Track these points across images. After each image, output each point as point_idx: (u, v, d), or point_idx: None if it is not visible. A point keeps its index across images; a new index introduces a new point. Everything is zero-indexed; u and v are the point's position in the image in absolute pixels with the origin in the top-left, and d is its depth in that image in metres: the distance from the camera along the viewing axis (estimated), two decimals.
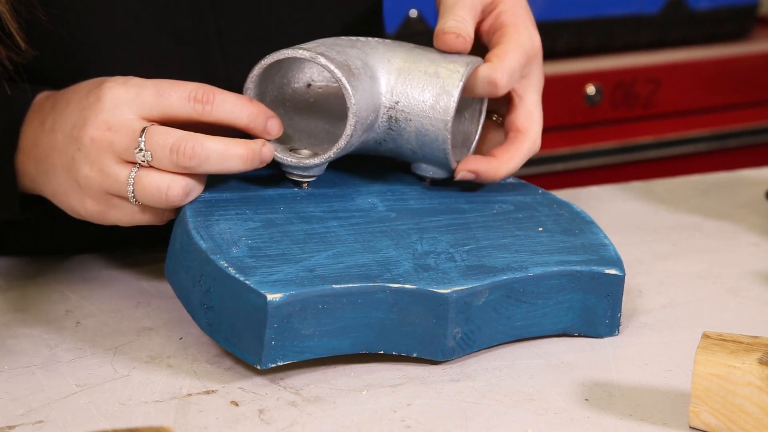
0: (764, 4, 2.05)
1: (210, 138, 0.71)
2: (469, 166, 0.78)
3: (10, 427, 0.65)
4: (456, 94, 0.76)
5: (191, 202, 0.73)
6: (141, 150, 0.71)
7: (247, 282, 0.67)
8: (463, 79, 0.76)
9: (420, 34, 1.76)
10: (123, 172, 0.72)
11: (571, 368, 0.72)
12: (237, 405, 0.67)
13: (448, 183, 0.80)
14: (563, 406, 0.68)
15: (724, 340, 0.65)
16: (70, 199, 0.75)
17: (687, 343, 0.75)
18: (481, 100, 0.81)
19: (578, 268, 0.73)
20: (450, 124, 0.76)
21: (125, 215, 0.74)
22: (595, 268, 0.74)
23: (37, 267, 0.84)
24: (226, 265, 0.68)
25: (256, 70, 0.74)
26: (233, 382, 0.69)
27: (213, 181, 0.75)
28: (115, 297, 0.80)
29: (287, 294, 0.67)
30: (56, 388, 0.69)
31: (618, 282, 0.74)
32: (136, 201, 0.73)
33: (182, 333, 0.75)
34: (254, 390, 0.69)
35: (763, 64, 1.86)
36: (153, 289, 0.81)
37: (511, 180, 0.83)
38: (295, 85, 0.79)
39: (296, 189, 0.76)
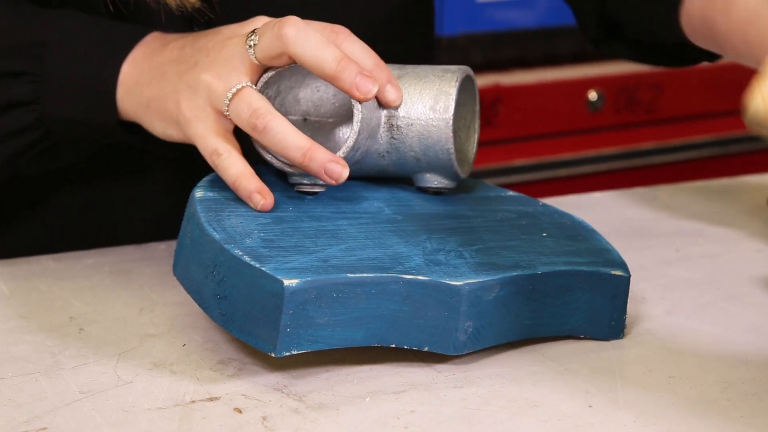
0: None
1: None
2: None
3: None
4: (454, 92, 0.77)
5: (202, 200, 0.73)
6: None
7: (263, 269, 0.68)
8: (458, 81, 0.77)
9: None
10: (235, 79, 0.73)
11: (574, 374, 0.72)
12: (240, 412, 0.67)
13: (452, 194, 0.81)
14: (567, 412, 0.68)
15: None
16: (168, 102, 0.76)
17: (691, 350, 0.75)
18: (474, 117, 0.82)
19: (585, 268, 0.74)
20: (451, 123, 0.77)
21: (203, 131, 0.75)
22: (601, 269, 0.74)
23: (41, 274, 0.84)
24: (241, 253, 0.69)
25: (258, 85, 0.75)
26: (237, 389, 0.69)
27: (223, 183, 0.76)
28: (119, 304, 0.80)
29: (303, 280, 0.67)
30: (60, 395, 0.69)
31: (623, 283, 0.75)
32: (227, 108, 0.73)
33: (185, 340, 0.75)
34: (258, 397, 0.69)
35: None
36: (156, 295, 0.81)
37: (511, 193, 0.83)
38: (295, 100, 0.79)
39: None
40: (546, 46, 1.76)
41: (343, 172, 0.73)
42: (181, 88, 0.76)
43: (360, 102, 0.73)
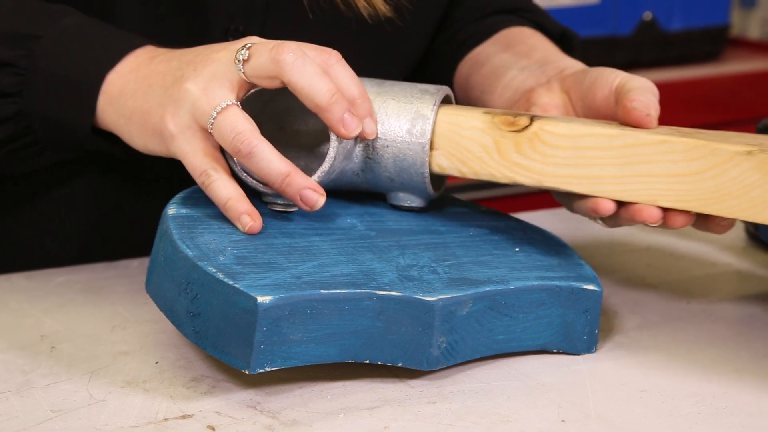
0: (735, 25, 2.07)
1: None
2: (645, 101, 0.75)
3: None
4: (431, 116, 0.77)
5: (174, 217, 0.73)
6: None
7: (236, 285, 0.67)
8: (436, 104, 0.77)
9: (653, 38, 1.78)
10: (220, 97, 0.73)
11: (547, 389, 0.72)
12: (213, 429, 0.67)
13: (424, 210, 0.81)
14: (540, 427, 0.68)
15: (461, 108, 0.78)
16: (152, 115, 0.76)
17: (662, 363, 0.75)
18: None
19: (557, 283, 0.74)
20: (428, 147, 0.77)
21: (190, 149, 0.74)
22: (573, 283, 0.75)
23: (11, 291, 0.84)
24: (214, 270, 0.69)
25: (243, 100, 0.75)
26: (210, 406, 0.69)
27: (196, 200, 0.76)
28: (91, 321, 0.79)
29: (277, 297, 0.67)
30: (31, 414, 0.68)
31: (596, 298, 0.75)
32: (211, 127, 0.73)
33: (158, 357, 0.75)
34: (231, 414, 0.68)
35: (734, 84, 1.88)
36: (128, 313, 0.81)
37: (483, 209, 0.83)
38: (271, 121, 0.79)
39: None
40: None
41: (319, 200, 0.73)
42: (166, 102, 0.75)
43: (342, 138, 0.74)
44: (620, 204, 0.74)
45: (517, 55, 0.90)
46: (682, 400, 0.71)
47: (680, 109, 1.83)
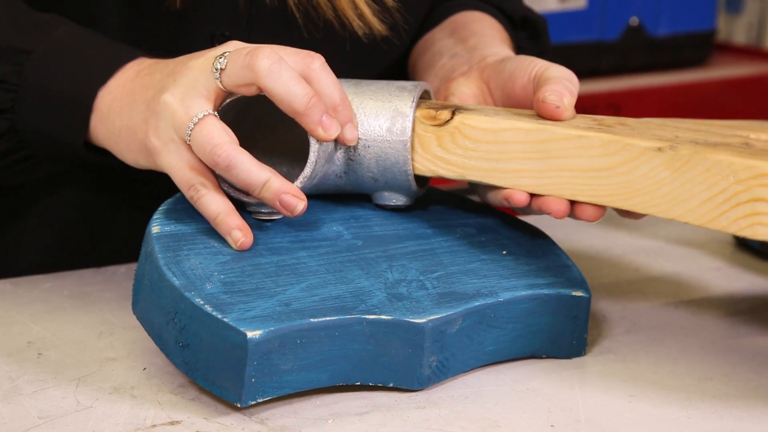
0: (721, 30, 2.08)
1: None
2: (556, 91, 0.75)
3: None
4: (410, 113, 0.76)
5: (159, 237, 0.72)
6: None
7: (225, 320, 0.67)
8: (414, 100, 0.77)
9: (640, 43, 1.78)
10: (197, 107, 0.72)
11: (536, 394, 0.72)
12: None
13: (410, 209, 0.80)
14: None
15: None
16: (137, 132, 0.75)
17: (651, 368, 0.75)
18: None
19: (546, 291, 0.74)
20: (409, 144, 0.76)
21: (176, 163, 0.74)
22: (561, 290, 0.74)
23: None
24: (201, 302, 0.68)
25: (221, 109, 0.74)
26: (198, 412, 0.69)
27: (179, 213, 0.75)
28: (78, 327, 0.79)
29: (266, 330, 0.66)
30: (18, 421, 0.68)
31: (584, 303, 0.75)
32: (189, 139, 0.72)
33: (146, 363, 0.74)
34: (219, 420, 0.68)
35: (721, 89, 1.88)
36: (116, 319, 0.80)
37: (468, 202, 0.83)
38: (254, 124, 0.79)
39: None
40: None
41: (299, 204, 0.72)
42: (149, 116, 0.75)
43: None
44: (532, 195, 0.75)
45: (456, 41, 0.89)
46: (672, 405, 0.71)
47: (667, 114, 1.84)
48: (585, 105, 1.77)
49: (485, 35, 0.89)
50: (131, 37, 0.84)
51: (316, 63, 0.73)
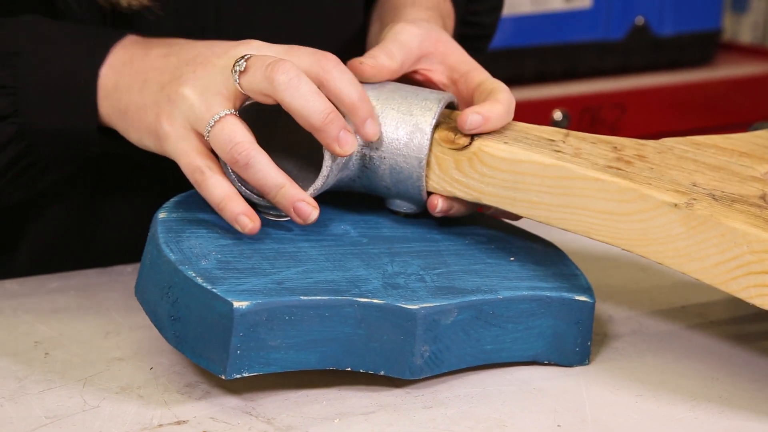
0: (727, 30, 2.07)
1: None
2: (476, 110, 0.76)
3: None
4: (429, 131, 0.76)
5: (164, 221, 0.73)
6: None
7: (214, 290, 0.67)
8: (435, 117, 0.77)
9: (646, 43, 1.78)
10: (218, 105, 0.73)
11: (543, 394, 0.72)
12: None
13: (423, 216, 0.80)
14: None
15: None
16: (147, 113, 0.75)
17: (657, 368, 0.75)
18: None
19: (548, 293, 0.74)
20: (424, 162, 0.76)
21: (184, 148, 0.74)
22: (565, 294, 0.74)
23: (4, 298, 0.84)
24: (194, 275, 0.68)
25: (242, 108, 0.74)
26: (204, 412, 0.69)
27: (189, 204, 0.75)
28: (85, 327, 0.79)
29: (254, 302, 0.67)
30: (25, 421, 0.68)
31: (588, 309, 0.74)
32: (208, 134, 0.72)
33: (153, 363, 0.74)
34: (226, 420, 0.68)
35: (726, 89, 1.88)
36: (123, 319, 0.80)
37: (486, 217, 0.83)
38: (266, 127, 0.79)
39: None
40: (511, 66, 1.77)
41: (312, 213, 0.73)
42: (162, 101, 0.75)
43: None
44: None
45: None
46: (678, 405, 0.71)
47: (672, 114, 1.84)
48: (590, 105, 1.77)
49: None
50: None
51: (330, 63, 0.74)
